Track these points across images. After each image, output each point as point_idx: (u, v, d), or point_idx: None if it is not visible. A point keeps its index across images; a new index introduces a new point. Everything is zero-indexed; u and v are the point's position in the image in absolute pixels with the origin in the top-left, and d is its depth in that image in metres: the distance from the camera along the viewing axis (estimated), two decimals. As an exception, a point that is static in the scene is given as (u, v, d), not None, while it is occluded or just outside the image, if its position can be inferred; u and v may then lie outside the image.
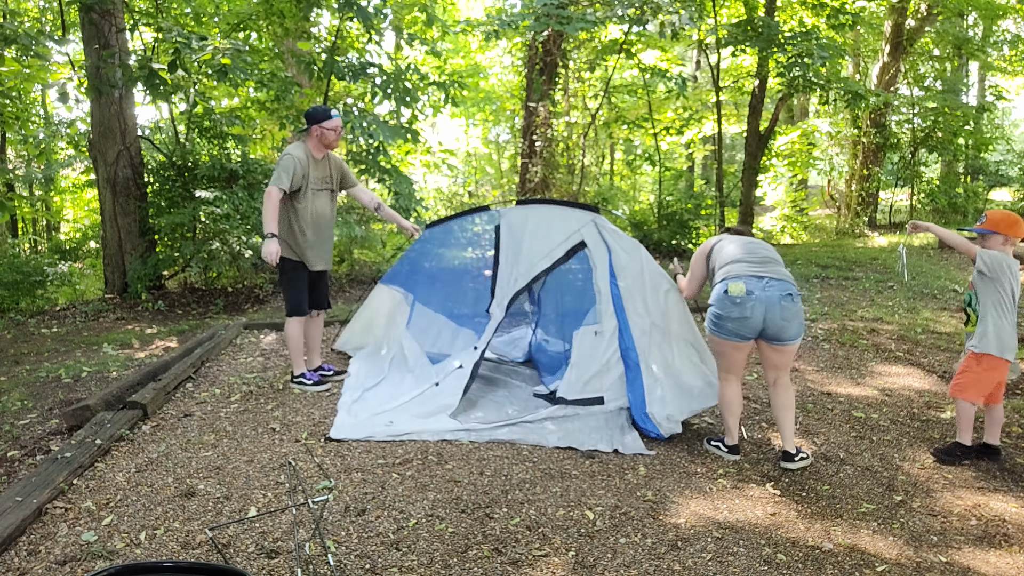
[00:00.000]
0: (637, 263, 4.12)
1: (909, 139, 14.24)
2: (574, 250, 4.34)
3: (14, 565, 2.74)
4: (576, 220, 4.35)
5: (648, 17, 8.98)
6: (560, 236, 4.37)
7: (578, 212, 4.39)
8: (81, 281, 9.29)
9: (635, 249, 4.15)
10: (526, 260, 4.50)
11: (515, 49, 12.30)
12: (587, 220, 4.32)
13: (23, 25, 8.59)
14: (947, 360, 5.38)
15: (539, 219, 4.54)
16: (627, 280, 4.08)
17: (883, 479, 3.49)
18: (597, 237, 4.25)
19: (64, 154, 11.60)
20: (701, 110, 12.94)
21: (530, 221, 4.57)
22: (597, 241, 4.25)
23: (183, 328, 6.84)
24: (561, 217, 4.42)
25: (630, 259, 4.12)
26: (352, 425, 4.05)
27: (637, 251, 4.15)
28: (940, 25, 13.82)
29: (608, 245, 4.20)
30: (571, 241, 4.33)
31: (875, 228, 13.78)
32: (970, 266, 4.09)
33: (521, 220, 4.61)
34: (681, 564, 2.77)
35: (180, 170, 8.13)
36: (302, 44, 8.71)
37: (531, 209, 4.68)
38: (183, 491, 3.32)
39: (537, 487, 3.38)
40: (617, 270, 4.12)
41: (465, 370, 4.44)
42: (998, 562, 2.80)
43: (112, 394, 4.44)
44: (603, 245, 4.22)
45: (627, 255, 4.13)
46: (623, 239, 4.20)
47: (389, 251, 10.18)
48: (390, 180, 8.27)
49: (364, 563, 2.76)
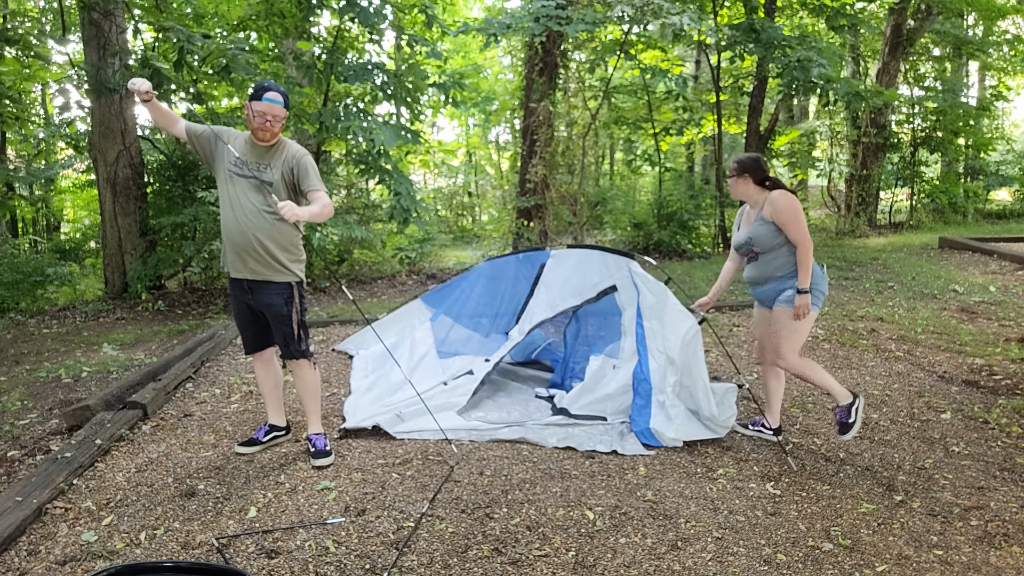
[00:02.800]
0: (662, 305, 4.21)
1: (909, 139, 14.24)
2: (604, 292, 4.52)
3: (14, 565, 2.74)
4: (613, 264, 4.55)
5: (648, 19, 8.97)
6: (595, 278, 4.59)
7: (615, 258, 4.58)
8: (81, 281, 9.29)
9: (663, 293, 4.24)
10: (558, 295, 4.72)
11: (515, 49, 12.30)
12: (622, 265, 4.50)
13: (23, 25, 8.58)
14: (947, 360, 5.38)
15: (580, 260, 4.77)
16: (652, 321, 4.19)
17: (883, 479, 3.49)
18: (628, 281, 4.41)
19: (64, 154, 11.59)
20: (701, 110, 12.93)
21: (571, 261, 4.81)
22: (627, 285, 4.40)
23: (183, 328, 6.84)
24: (600, 261, 4.63)
25: (657, 301, 4.22)
26: (363, 417, 4.11)
27: (664, 295, 4.23)
28: (940, 25, 13.82)
29: (638, 288, 4.32)
30: (604, 284, 4.53)
31: (875, 228, 13.78)
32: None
33: (564, 260, 4.87)
34: (681, 564, 2.77)
35: (180, 170, 8.13)
36: (302, 44, 8.71)
37: (575, 252, 4.91)
38: (183, 491, 3.32)
39: (537, 487, 3.38)
40: (644, 311, 4.24)
41: (476, 376, 4.54)
42: (998, 562, 2.79)
43: (112, 394, 4.45)
44: (633, 288, 4.35)
45: (655, 297, 4.24)
46: (651, 283, 4.31)
47: (389, 251, 10.19)
48: (390, 180, 8.27)
49: (364, 563, 2.76)
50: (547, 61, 10.68)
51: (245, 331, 3.75)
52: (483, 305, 5.35)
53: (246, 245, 3.49)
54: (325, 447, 3.69)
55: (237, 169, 3.52)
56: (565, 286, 4.73)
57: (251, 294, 3.59)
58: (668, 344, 4.10)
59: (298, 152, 3.58)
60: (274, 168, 3.52)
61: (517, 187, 11.53)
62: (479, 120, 15.62)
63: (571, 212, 11.27)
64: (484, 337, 5.23)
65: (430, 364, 4.87)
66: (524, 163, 11.08)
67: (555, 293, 4.77)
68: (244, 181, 3.52)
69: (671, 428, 3.89)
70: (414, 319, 5.45)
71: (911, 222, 14.08)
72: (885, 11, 13.48)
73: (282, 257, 3.54)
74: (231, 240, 3.53)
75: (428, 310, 5.48)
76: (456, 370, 4.78)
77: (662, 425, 3.91)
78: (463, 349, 5.19)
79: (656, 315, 4.19)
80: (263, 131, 3.47)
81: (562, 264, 4.89)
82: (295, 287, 3.61)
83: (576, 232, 11.36)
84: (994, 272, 8.74)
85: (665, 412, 3.96)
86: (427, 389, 4.42)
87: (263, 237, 3.49)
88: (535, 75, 10.77)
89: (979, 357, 5.42)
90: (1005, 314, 6.72)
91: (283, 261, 3.54)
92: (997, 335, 6.00)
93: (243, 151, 3.55)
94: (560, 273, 4.85)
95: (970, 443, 3.92)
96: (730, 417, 3.95)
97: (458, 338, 5.29)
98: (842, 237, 12.80)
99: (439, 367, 4.81)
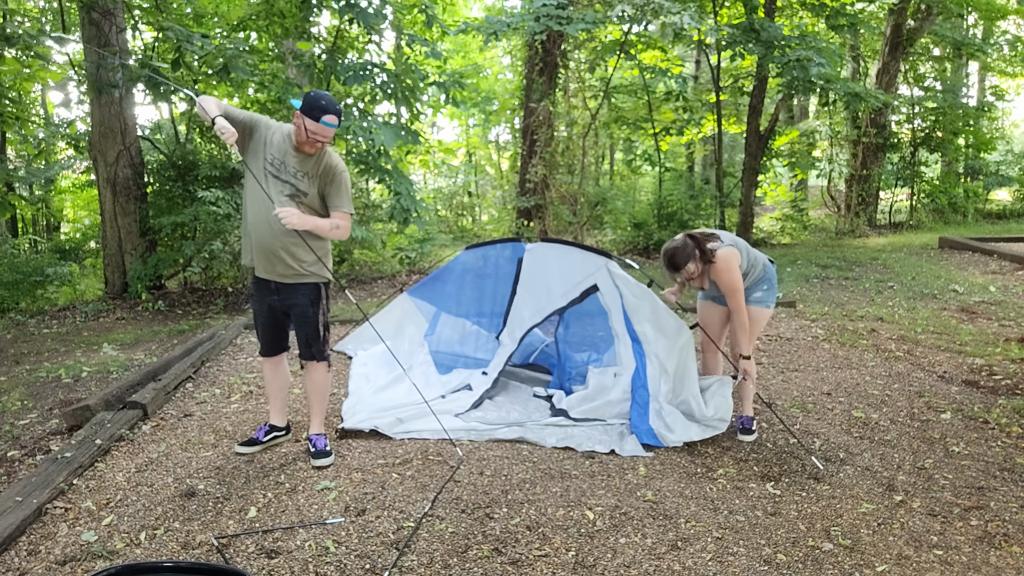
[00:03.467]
0: (649, 308, 4.18)
1: (909, 139, 14.24)
2: (587, 292, 4.49)
3: (14, 565, 2.74)
4: (591, 264, 4.50)
5: (648, 18, 8.97)
6: (577, 277, 4.54)
7: (593, 256, 4.54)
8: (81, 281, 9.29)
9: (645, 295, 4.22)
10: (544, 296, 4.67)
11: (515, 49, 12.30)
12: (600, 264, 4.46)
13: (23, 24, 8.58)
14: (947, 360, 5.38)
15: (559, 258, 4.72)
16: (644, 325, 4.17)
17: (883, 479, 3.49)
18: (609, 282, 4.38)
19: (64, 154, 11.59)
20: (701, 110, 12.93)
21: (551, 258, 4.75)
22: (610, 286, 4.37)
23: (183, 328, 6.84)
24: (579, 259, 4.58)
25: (640, 304, 4.20)
26: (361, 419, 4.10)
27: (647, 297, 4.21)
28: (940, 25, 13.82)
29: (619, 289, 4.31)
30: (585, 284, 4.49)
31: (875, 228, 13.78)
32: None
33: (543, 256, 4.81)
34: (681, 564, 2.77)
35: (180, 170, 8.13)
36: (302, 44, 8.71)
37: (552, 247, 4.86)
38: (183, 491, 3.32)
39: (537, 487, 3.38)
40: (630, 314, 4.22)
41: (475, 392, 4.54)
42: (998, 562, 2.79)
43: (112, 394, 4.45)
44: (615, 290, 4.33)
45: (636, 300, 4.22)
46: (632, 284, 4.29)
47: (389, 251, 10.18)
48: (390, 180, 8.26)
49: (364, 563, 2.76)
50: (547, 61, 10.68)
51: (265, 333, 3.68)
52: (470, 305, 5.33)
53: (275, 250, 3.41)
54: (325, 447, 3.67)
55: (275, 170, 3.41)
56: (549, 286, 4.66)
57: (277, 295, 3.54)
58: (660, 350, 4.10)
59: (337, 166, 3.48)
60: (312, 178, 3.44)
61: (517, 187, 11.54)
62: (479, 120, 15.61)
63: (571, 212, 11.27)
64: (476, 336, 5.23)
65: (430, 379, 4.84)
66: (524, 163, 11.08)
67: (540, 293, 4.72)
68: (279, 183, 3.41)
69: (671, 433, 3.89)
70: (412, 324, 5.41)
71: (911, 222, 14.08)
72: (885, 11, 13.47)
73: (311, 260, 3.47)
74: (260, 242, 3.43)
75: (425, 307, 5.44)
76: (455, 384, 4.76)
77: (663, 429, 3.91)
78: (459, 349, 5.19)
79: (645, 318, 4.17)
80: (310, 147, 3.38)
81: (540, 261, 4.82)
82: (323, 287, 3.57)
83: (576, 232, 11.37)
84: (994, 272, 8.74)
85: (662, 420, 3.96)
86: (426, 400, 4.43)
87: (291, 244, 3.42)
88: (535, 75, 10.78)
89: (979, 357, 5.42)
90: (1005, 314, 6.72)
91: (311, 264, 3.49)
92: (997, 335, 6.00)
93: (282, 151, 3.42)
94: (539, 271, 4.78)
95: (970, 443, 3.92)
96: (728, 410, 3.94)
97: (452, 337, 5.30)
98: (842, 237, 12.81)
99: (438, 382, 4.79)
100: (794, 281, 8.49)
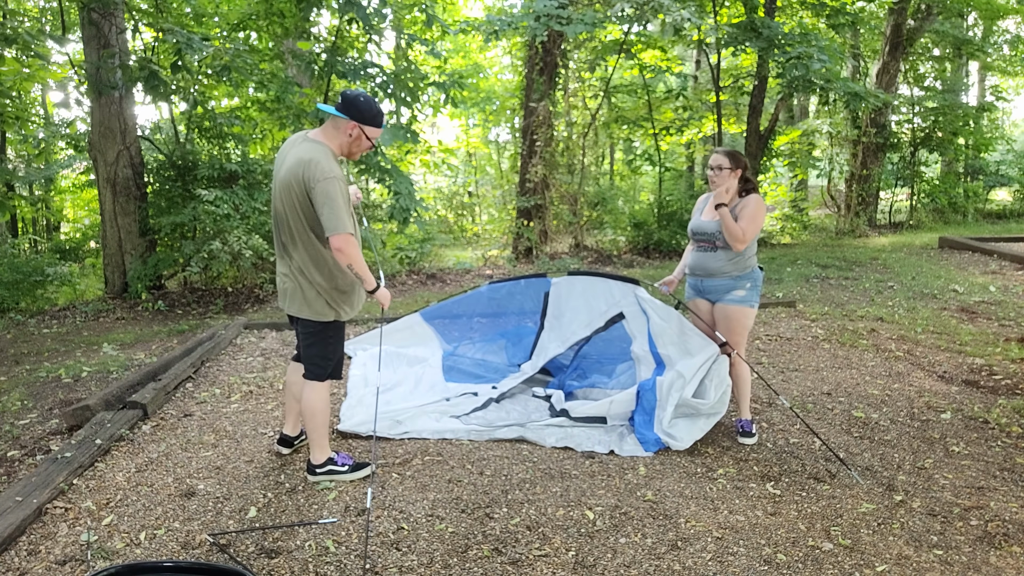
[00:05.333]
0: (677, 330, 4.16)
1: (909, 139, 14.24)
2: (612, 321, 4.51)
3: (14, 565, 2.74)
4: (618, 292, 4.52)
5: (649, 16, 8.97)
6: (602, 306, 4.57)
7: (619, 284, 4.56)
8: (81, 281, 9.29)
9: (672, 318, 4.21)
10: (568, 327, 4.70)
11: (515, 49, 12.30)
12: (627, 291, 4.48)
13: (23, 25, 8.58)
14: (947, 360, 5.38)
15: (584, 288, 4.74)
16: (667, 348, 4.17)
17: (883, 479, 3.49)
18: (636, 308, 4.39)
19: (64, 154, 11.59)
20: (701, 109, 12.92)
21: (576, 290, 4.77)
22: (636, 312, 4.39)
23: (183, 328, 6.84)
24: (604, 289, 4.60)
25: (667, 326, 4.19)
26: (359, 421, 4.09)
27: (674, 319, 4.20)
28: (940, 25, 13.82)
29: (646, 314, 4.31)
30: (611, 312, 4.52)
31: (875, 228, 13.78)
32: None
33: (568, 289, 4.83)
34: (681, 564, 2.77)
35: (180, 170, 8.13)
36: (302, 44, 8.71)
37: (577, 280, 4.85)
38: (183, 491, 3.33)
39: (537, 487, 3.38)
40: (656, 336, 4.22)
41: (479, 398, 4.52)
42: (998, 562, 2.79)
43: (112, 394, 4.45)
44: (642, 315, 4.34)
45: (664, 322, 4.21)
46: (659, 307, 4.28)
47: (389, 251, 10.18)
48: (390, 180, 8.26)
49: (364, 563, 2.76)
50: (547, 61, 10.68)
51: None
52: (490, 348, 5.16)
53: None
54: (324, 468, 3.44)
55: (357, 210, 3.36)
56: (574, 318, 4.70)
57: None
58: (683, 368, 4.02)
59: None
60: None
61: (517, 187, 11.53)
62: (479, 120, 15.61)
63: (571, 212, 11.27)
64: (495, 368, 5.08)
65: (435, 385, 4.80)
66: (524, 163, 11.08)
67: (565, 326, 4.76)
68: (353, 213, 3.25)
69: (678, 442, 3.86)
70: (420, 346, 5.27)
71: (911, 222, 14.08)
72: (885, 11, 13.48)
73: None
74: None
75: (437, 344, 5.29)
76: (460, 391, 4.73)
77: (669, 439, 3.88)
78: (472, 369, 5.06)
79: (671, 341, 4.15)
80: (362, 153, 3.30)
81: (567, 294, 4.83)
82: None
83: (576, 232, 11.37)
84: (994, 272, 8.74)
85: (665, 429, 3.94)
86: (428, 402, 4.42)
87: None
88: (535, 75, 10.77)
89: (979, 357, 5.42)
90: (1005, 314, 6.72)
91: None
92: (997, 335, 6.00)
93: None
94: (566, 304, 4.81)
95: (970, 443, 3.92)
96: (727, 390, 3.90)
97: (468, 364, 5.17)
98: (842, 237, 12.81)
99: (443, 388, 4.75)
100: (794, 281, 8.49)
